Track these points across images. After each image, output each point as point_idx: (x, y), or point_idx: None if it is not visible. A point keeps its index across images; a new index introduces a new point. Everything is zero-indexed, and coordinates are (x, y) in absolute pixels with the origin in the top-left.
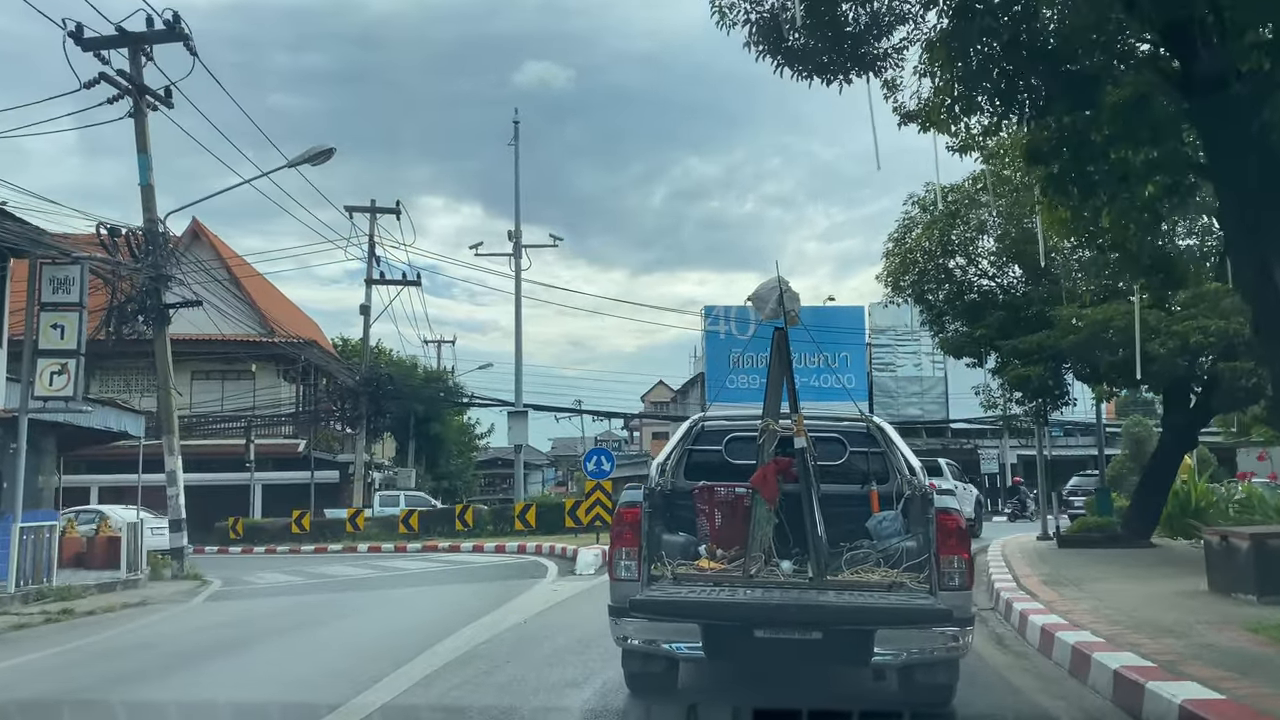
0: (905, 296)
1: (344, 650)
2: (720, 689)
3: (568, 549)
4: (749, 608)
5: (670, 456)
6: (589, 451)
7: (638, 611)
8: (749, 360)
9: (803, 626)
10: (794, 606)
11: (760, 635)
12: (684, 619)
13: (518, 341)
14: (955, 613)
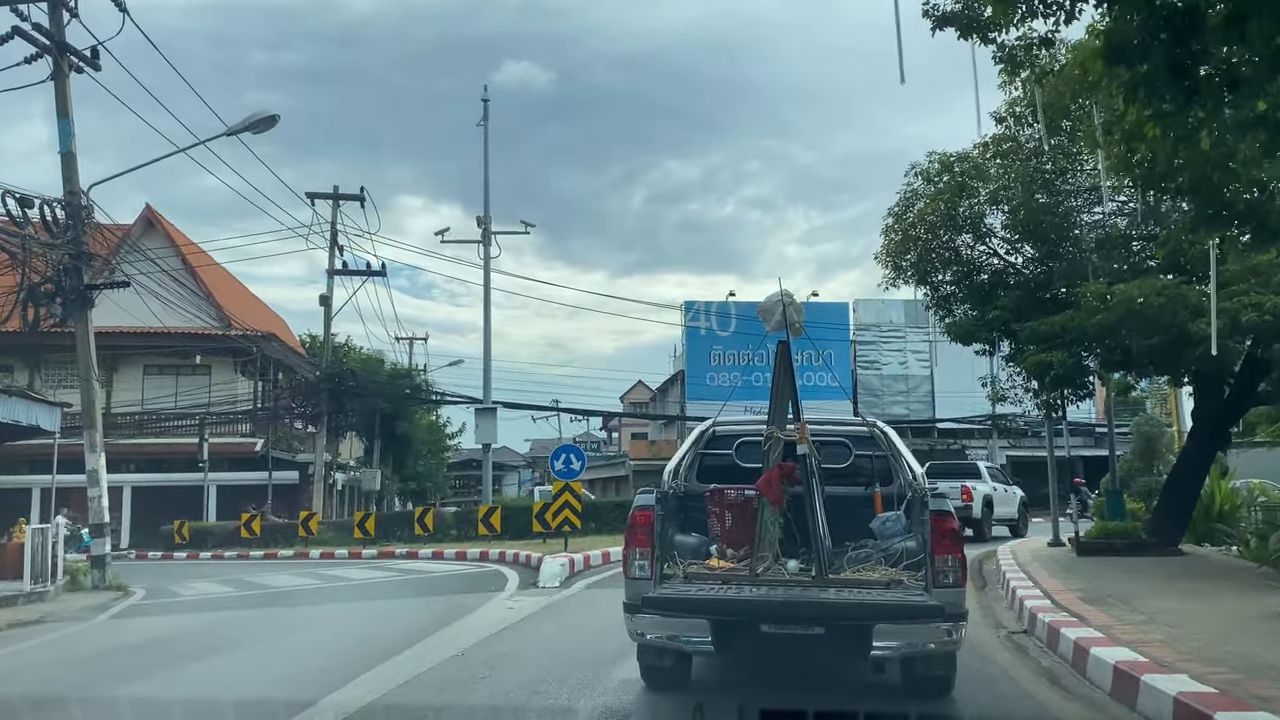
0: (906, 278)
1: (232, 684)
2: (729, 685)
3: (533, 556)
4: (754, 604)
5: (683, 460)
6: (557, 449)
7: (650, 608)
8: (729, 357)
9: (805, 622)
10: (797, 603)
11: (767, 630)
12: (693, 615)
13: (486, 334)
14: (948, 609)
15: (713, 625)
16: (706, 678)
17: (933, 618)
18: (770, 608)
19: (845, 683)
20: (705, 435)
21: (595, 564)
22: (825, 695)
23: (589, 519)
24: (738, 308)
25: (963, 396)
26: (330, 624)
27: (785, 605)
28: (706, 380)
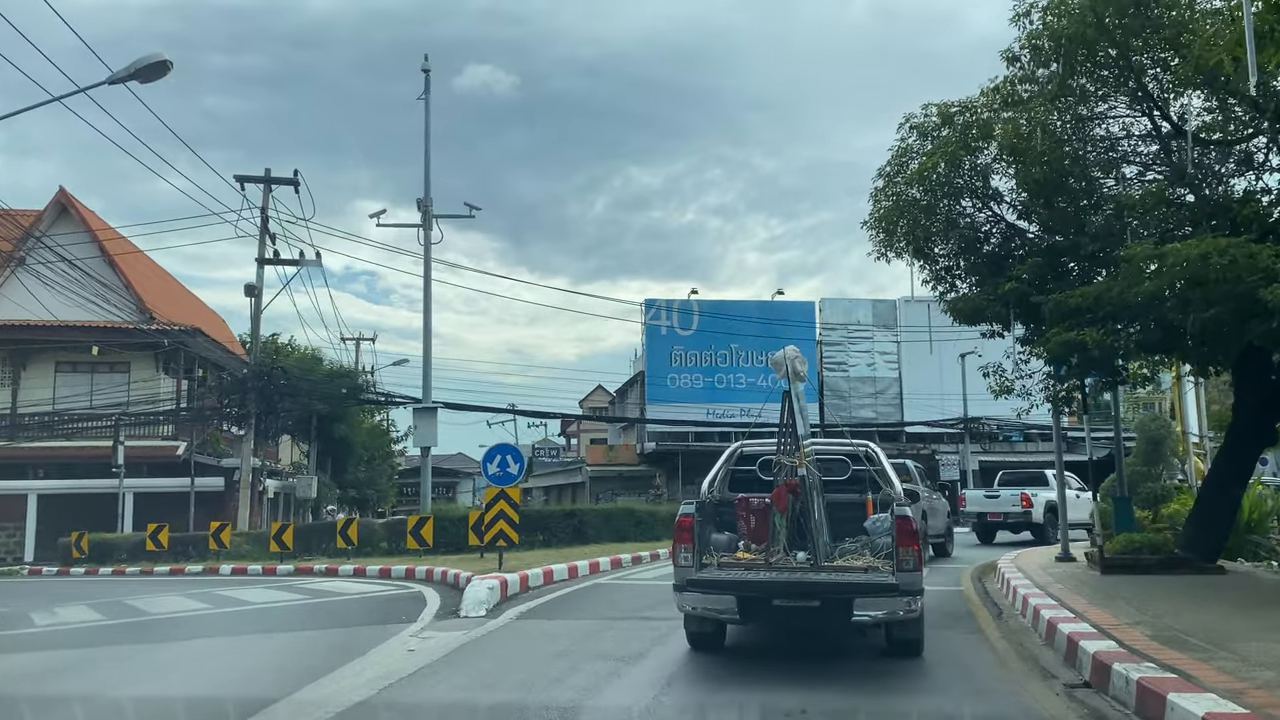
0: (899, 249)
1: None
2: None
3: (461, 576)
4: (767, 584)
5: (718, 474)
6: (490, 449)
7: (693, 588)
8: (692, 358)
9: (804, 597)
10: (798, 583)
11: (778, 604)
12: (723, 592)
13: (426, 325)
14: (903, 586)
15: (738, 600)
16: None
17: (894, 593)
18: (778, 586)
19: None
20: (735, 454)
21: (535, 585)
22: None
23: (536, 530)
24: (701, 306)
25: (931, 399)
26: (184, 670)
27: (789, 584)
28: (667, 382)
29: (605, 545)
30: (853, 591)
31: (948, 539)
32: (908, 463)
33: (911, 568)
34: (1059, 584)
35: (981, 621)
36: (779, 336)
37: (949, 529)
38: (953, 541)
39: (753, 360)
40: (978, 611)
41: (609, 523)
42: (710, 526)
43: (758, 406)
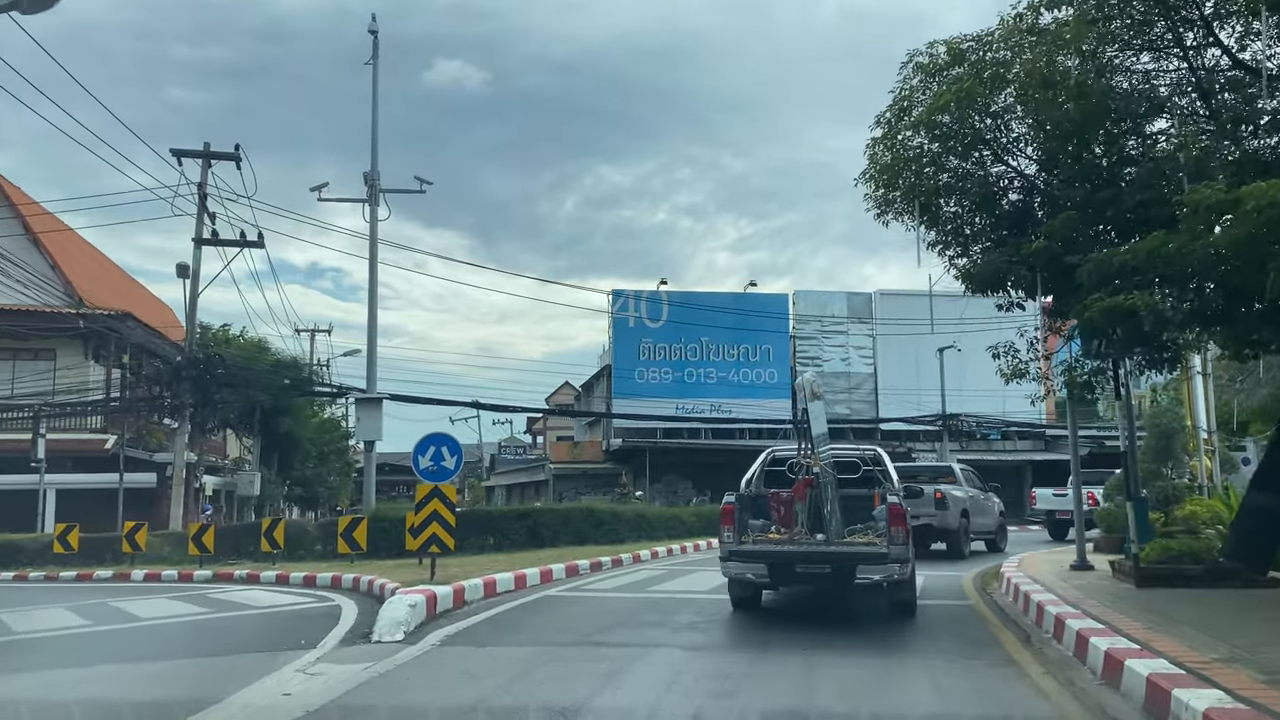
0: (899, 209)
1: None
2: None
3: (387, 587)
4: (790, 553)
5: (754, 473)
6: (423, 439)
7: (733, 558)
8: (661, 351)
9: (818, 563)
10: (813, 553)
11: (799, 570)
12: (756, 561)
13: (371, 309)
14: (893, 555)
15: (768, 566)
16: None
17: (885, 560)
18: (799, 555)
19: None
20: (769, 457)
21: (473, 600)
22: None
23: (486, 532)
24: (670, 297)
25: (908, 394)
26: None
27: (807, 554)
28: (635, 376)
29: (563, 549)
30: (855, 559)
31: (999, 535)
32: (954, 465)
33: (900, 542)
34: (1092, 599)
35: (1009, 648)
36: (751, 329)
37: (1000, 526)
38: (1005, 538)
39: (724, 354)
40: (999, 633)
41: (567, 524)
42: (748, 514)
43: (729, 402)
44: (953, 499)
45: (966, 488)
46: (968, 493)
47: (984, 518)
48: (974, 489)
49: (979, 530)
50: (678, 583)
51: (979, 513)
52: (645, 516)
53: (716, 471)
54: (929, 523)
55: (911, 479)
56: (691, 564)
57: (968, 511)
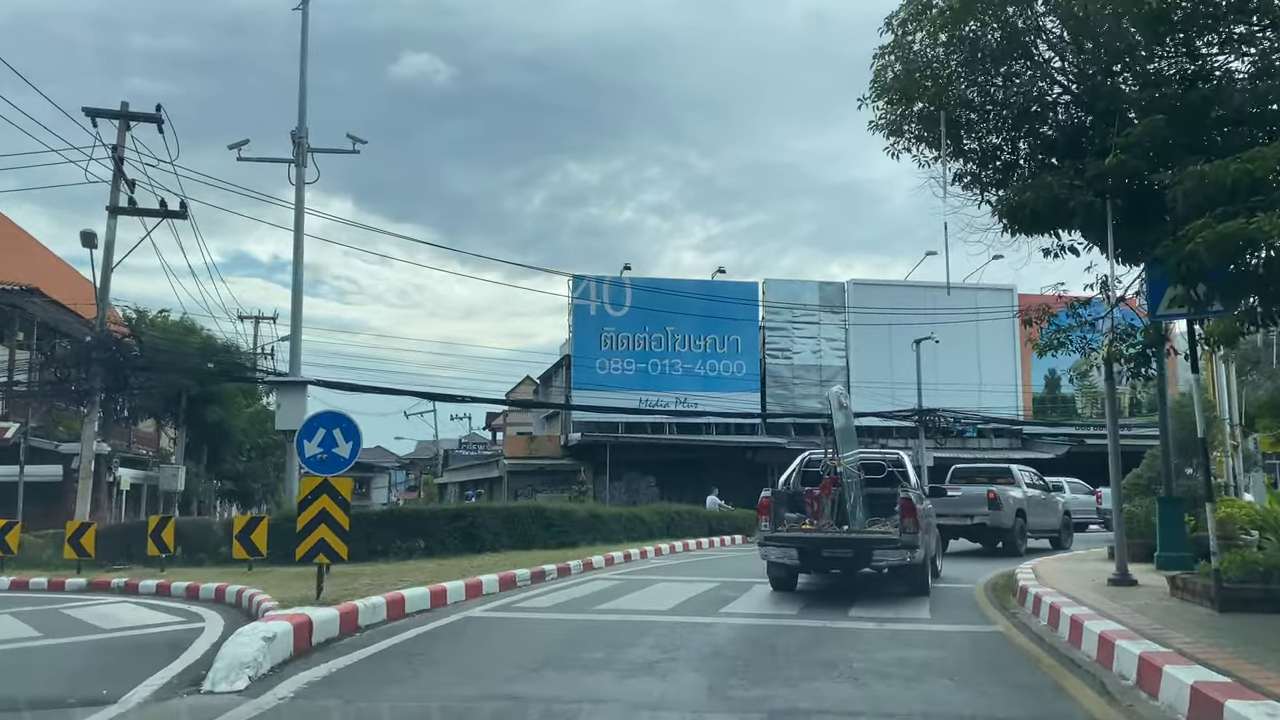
0: (916, 135)
1: None
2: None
3: (265, 604)
4: (816, 539)
5: (792, 473)
6: (309, 420)
7: (769, 543)
8: (624, 341)
9: (842, 548)
10: (837, 539)
11: (826, 555)
12: (788, 545)
13: (296, 282)
14: (900, 541)
15: (799, 551)
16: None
17: (896, 546)
18: (825, 541)
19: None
20: (805, 459)
21: (370, 623)
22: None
23: (415, 534)
24: (634, 284)
25: (880, 388)
26: None
27: (831, 540)
28: (596, 367)
29: (503, 555)
30: (871, 545)
31: (1063, 534)
32: (1012, 467)
33: (911, 531)
34: (1172, 630)
35: (1087, 703)
36: (720, 317)
37: (1065, 524)
38: (1070, 537)
39: (690, 345)
40: (1062, 680)
41: (511, 525)
42: (784, 508)
43: (695, 395)
44: (1006, 499)
45: (1024, 488)
46: (1025, 493)
47: (1046, 517)
48: (1034, 489)
49: (1042, 529)
50: (634, 598)
51: (1040, 512)
52: (601, 517)
53: (682, 469)
54: (983, 522)
55: (968, 479)
56: (652, 572)
57: (1024, 511)
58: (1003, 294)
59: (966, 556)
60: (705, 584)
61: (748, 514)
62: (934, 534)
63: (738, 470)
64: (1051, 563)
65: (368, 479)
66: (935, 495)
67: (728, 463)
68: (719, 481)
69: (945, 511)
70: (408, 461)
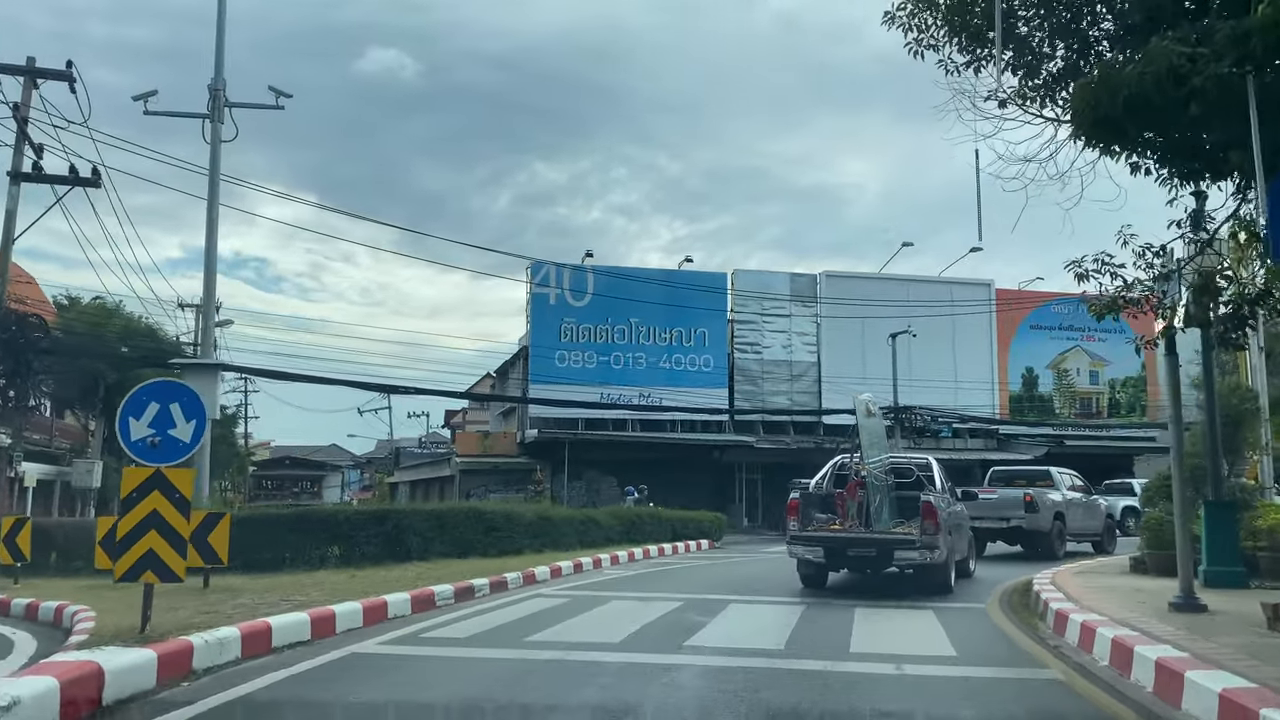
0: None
1: None
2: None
3: (84, 626)
4: (840, 539)
5: (825, 475)
6: (136, 392)
7: (795, 542)
8: (584, 333)
9: (864, 547)
10: (860, 538)
11: (851, 553)
12: (813, 544)
13: (209, 251)
14: (919, 542)
15: (824, 549)
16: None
17: (914, 546)
18: (849, 541)
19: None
20: (837, 464)
21: (211, 666)
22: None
23: (331, 540)
24: (597, 272)
25: (852, 384)
26: None
27: (855, 539)
28: (555, 360)
29: (433, 565)
30: (892, 545)
31: (1106, 538)
32: (1052, 469)
33: (931, 533)
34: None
35: None
36: (687, 307)
37: (1108, 528)
38: (1114, 540)
39: (655, 337)
40: None
41: (444, 530)
42: (814, 508)
43: (660, 390)
44: (1044, 502)
45: (1064, 490)
46: (1065, 495)
47: (1087, 520)
48: (1074, 492)
49: (1083, 532)
50: (579, 624)
51: (1080, 515)
52: (551, 520)
53: (645, 468)
54: (1019, 525)
55: (1005, 482)
56: (606, 586)
57: (1063, 514)
58: (980, 288)
59: (998, 560)
60: (667, 603)
61: (711, 517)
62: (965, 536)
63: (704, 470)
64: (1069, 575)
65: (319, 478)
66: (967, 499)
67: (693, 462)
68: (684, 482)
69: (981, 514)
70: (364, 460)
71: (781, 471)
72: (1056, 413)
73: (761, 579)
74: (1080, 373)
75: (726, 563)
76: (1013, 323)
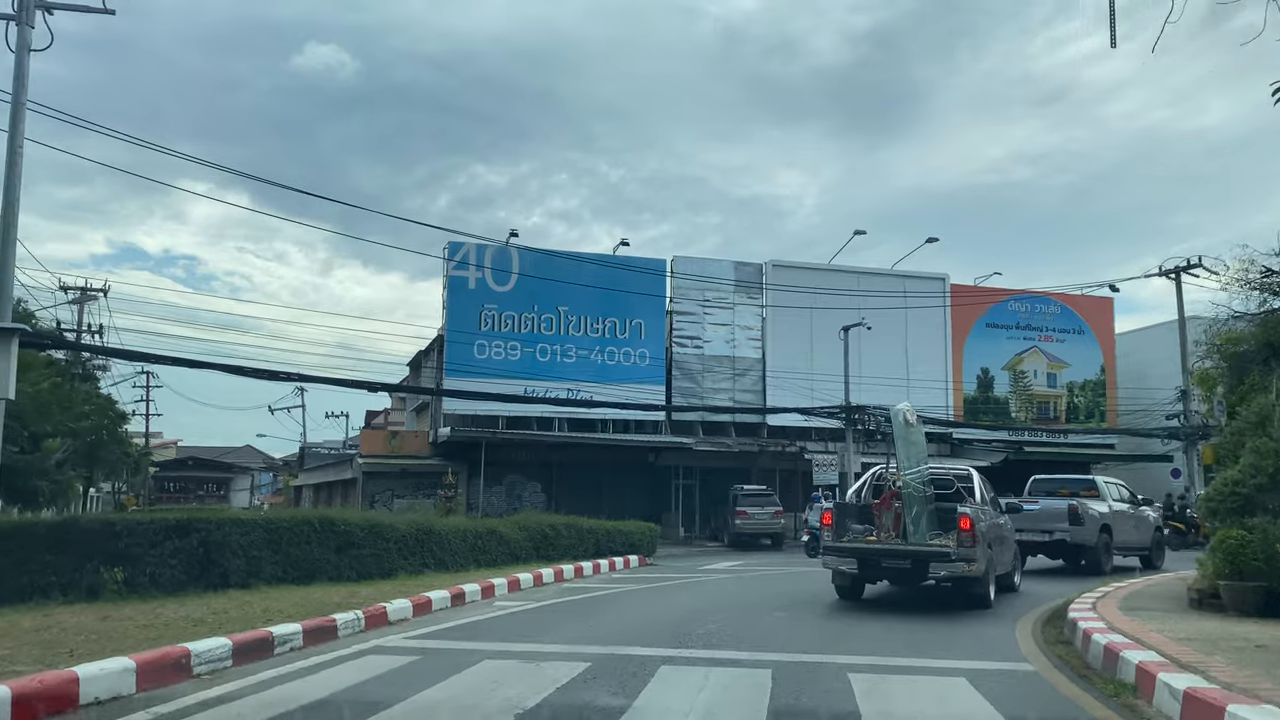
0: None
1: None
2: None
3: None
4: (874, 550)
5: (862, 486)
6: None
7: (828, 553)
8: (508, 321)
9: (899, 559)
10: (894, 550)
11: (885, 565)
12: (846, 556)
13: (9, 180)
14: (958, 555)
15: (858, 561)
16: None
17: (950, 559)
18: (882, 552)
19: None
20: (876, 473)
21: None
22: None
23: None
24: (522, 255)
25: (799, 380)
26: None
27: (889, 552)
28: (474, 351)
29: (254, 594)
30: (928, 557)
31: (1154, 552)
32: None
33: (967, 545)
34: None
35: None
36: (622, 294)
37: (1156, 542)
38: (1162, 555)
39: (586, 328)
40: None
41: (278, 546)
42: (851, 519)
43: (591, 386)
44: (1089, 515)
45: (1111, 502)
46: (1112, 507)
47: (1136, 533)
48: (1121, 503)
49: (1130, 546)
50: (399, 718)
51: (1128, 528)
52: (436, 533)
53: (574, 472)
54: (1063, 538)
55: (1048, 492)
56: (486, 630)
57: (1109, 527)
58: (934, 283)
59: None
60: (565, 665)
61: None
62: (1009, 549)
63: (639, 473)
64: (1115, 610)
65: (226, 480)
66: (1011, 511)
67: (627, 465)
68: (618, 487)
69: (1023, 526)
70: (280, 463)
71: (722, 476)
72: (1013, 416)
73: (707, 615)
74: (1038, 375)
75: (661, 587)
76: (968, 320)
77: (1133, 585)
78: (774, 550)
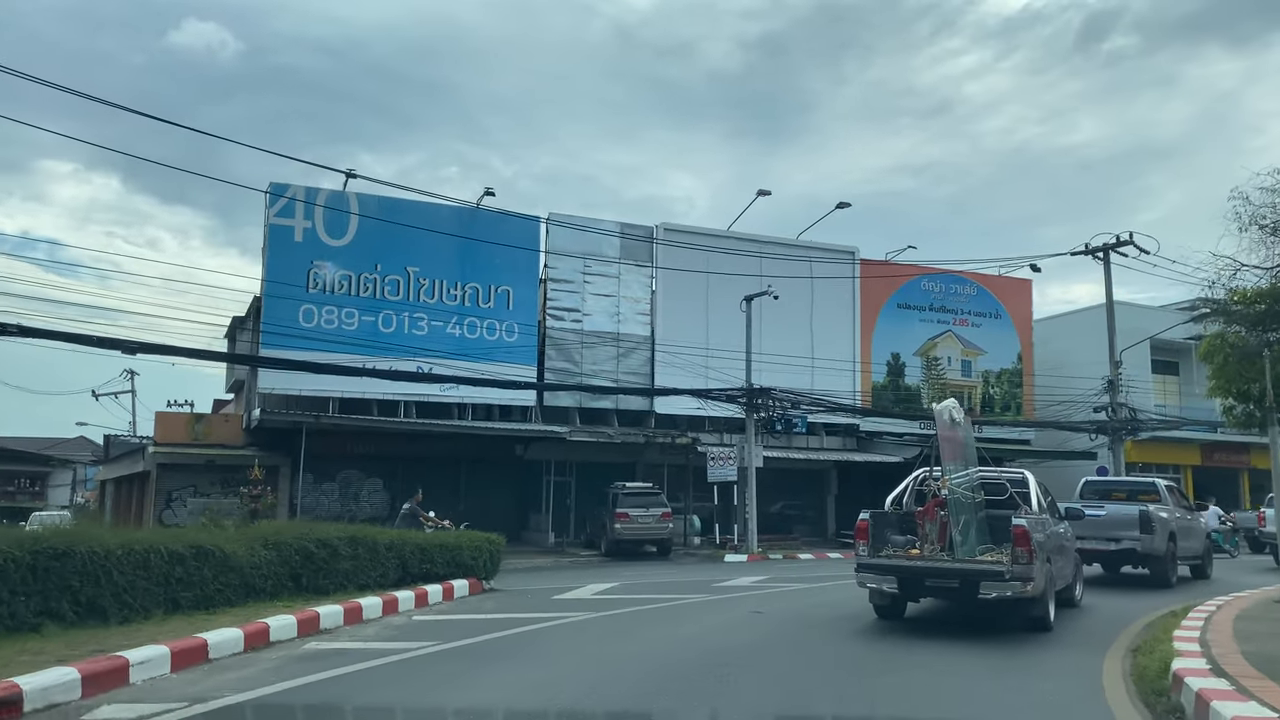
0: None
1: None
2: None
3: None
4: (916, 568)
5: (905, 491)
6: None
7: (863, 570)
8: (343, 283)
9: (945, 578)
10: (939, 569)
11: (929, 584)
12: (884, 574)
13: None
14: (1013, 575)
15: (898, 579)
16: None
17: (1004, 578)
18: (925, 570)
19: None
20: (919, 478)
21: None
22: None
23: None
24: (364, 203)
25: (694, 363)
26: None
27: (932, 570)
28: (300, 317)
29: None
30: (978, 576)
31: (1205, 560)
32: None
33: (1024, 561)
34: None
35: None
36: (486, 255)
37: (1207, 550)
38: (1211, 564)
39: (442, 294)
40: None
41: None
42: (890, 529)
43: (448, 363)
44: (1159, 521)
45: (1172, 507)
46: (1174, 513)
47: (1190, 541)
48: (1179, 508)
49: (1185, 555)
50: None
51: (1185, 535)
52: (71, 555)
53: (425, 467)
54: (1132, 547)
55: (1102, 495)
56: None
57: (1175, 535)
58: (843, 256)
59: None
60: None
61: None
62: (1069, 560)
63: (504, 468)
64: (1239, 659)
65: (43, 475)
66: (1072, 518)
67: (490, 459)
68: (480, 486)
69: (1086, 534)
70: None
71: (602, 472)
72: (926, 407)
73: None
74: (952, 362)
75: (474, 652)
76: (878, 300)
77: (1223, 605)
78: (660, 559)
